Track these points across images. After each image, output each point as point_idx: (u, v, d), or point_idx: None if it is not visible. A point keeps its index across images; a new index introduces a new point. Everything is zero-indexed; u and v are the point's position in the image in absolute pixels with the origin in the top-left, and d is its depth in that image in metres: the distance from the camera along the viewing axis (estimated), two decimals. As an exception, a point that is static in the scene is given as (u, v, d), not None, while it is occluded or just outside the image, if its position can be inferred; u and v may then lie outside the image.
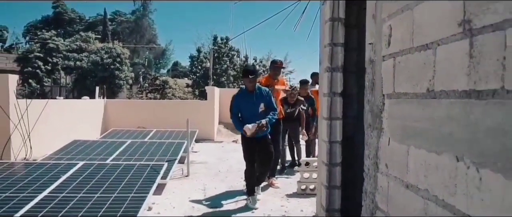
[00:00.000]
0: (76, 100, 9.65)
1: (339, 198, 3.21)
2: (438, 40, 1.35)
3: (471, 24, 1.16)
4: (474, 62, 1.14)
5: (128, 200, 3.27)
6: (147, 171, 4.06)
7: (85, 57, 19.91)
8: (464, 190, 1.19)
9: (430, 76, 1.40)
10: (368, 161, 2.10)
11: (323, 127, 3.22)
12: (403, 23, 1.66)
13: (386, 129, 1.82)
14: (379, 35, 1.94)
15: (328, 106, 3.11)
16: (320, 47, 3.39)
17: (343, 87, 3.12)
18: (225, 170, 5.81)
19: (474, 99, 1.14)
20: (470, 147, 1.15)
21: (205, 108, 9.58)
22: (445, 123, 1.29)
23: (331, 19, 3.05)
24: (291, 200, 4.22)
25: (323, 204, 3.24)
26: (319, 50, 3.44)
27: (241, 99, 4.03)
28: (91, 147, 5.83)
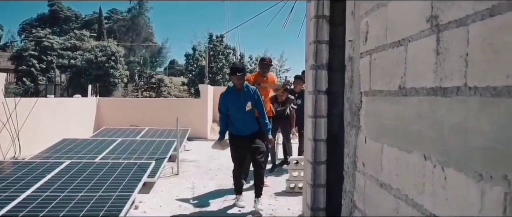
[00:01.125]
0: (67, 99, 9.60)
1: (324, 197, 3.19)
2: (409, 37, 1.33)
3: (438, 19, 1.14)
4: (440, 58, 1.12)
5: (113, 198, 3.24)
6: (133, 169, 4.03)
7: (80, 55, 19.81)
8: (430, 189, 1.17)
9: (402, 73, 1.38)
10: (347, 160, 2.09)
11: (308, 125, 3.20)
12: (378, 20, 1.63)
13: (363, 127, 1.80)
14: (357, 32, 1.91)
15: (313, 104, 3.08)
16: (306, 45, 3.37)
17: (328, 85, 3.11)
18: (215, 168, 5.78)
19: (440, 96, 1.11)
20: (436, 146, 1.13)
21: (198, 106, 9.54)
22: (415, 121, 1.27)
23: (315, 16, 3.03)
24: (280, 199, 4.20)
25: (308, 202, 3.22)
26: (305, 48, 3.42)
27: (229, 97, 3.96)
28: (80, 145, 5.79)
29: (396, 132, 1.41)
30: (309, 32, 3.24)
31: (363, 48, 1.81)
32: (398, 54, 1.41)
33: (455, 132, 1.03)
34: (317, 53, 3.04)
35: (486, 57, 0.91)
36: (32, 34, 23.80)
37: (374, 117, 1.66)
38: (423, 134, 1.20)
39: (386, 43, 1.52)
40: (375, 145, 1.63)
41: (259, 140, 3.96)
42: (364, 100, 1.80)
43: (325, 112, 3.13)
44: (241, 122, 3.90)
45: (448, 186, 1.07)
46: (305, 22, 3.63)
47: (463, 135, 0.99)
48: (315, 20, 3.04)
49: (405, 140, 1.34)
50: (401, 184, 1.38)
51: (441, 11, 1.12)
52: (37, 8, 70.19)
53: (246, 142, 3.91)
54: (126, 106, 9.71)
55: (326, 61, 3.05)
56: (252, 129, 3.94)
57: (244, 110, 3.90)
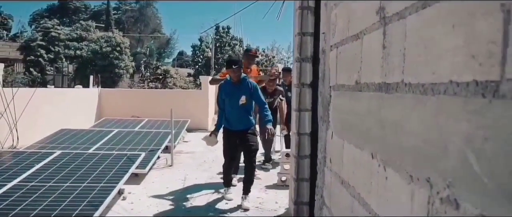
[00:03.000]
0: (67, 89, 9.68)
1: (308, 191, 3.16)
2: (364, 29, 1.28)
3: (385, 11, 1.08)
4: (386, 53, 1.07)
5: (97, 190, 3.25)
6: (122, 161, 4.03)
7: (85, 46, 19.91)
8: (376, 189, 1.13)
9: (358, 68, 1.33)
10: (320, 155, 2.05)
11: (293, 119, 3.16)
12: (343, 12, 1.58)
13: (331, 122, 1.75)
14: (328, 24, 1.86)
15: (297, 97, 3.04)
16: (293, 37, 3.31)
17: (313, 77, 3.05)
18: (210, 160, 5.77)
19: (384, 92, 1.07)
20: (380, 144, 1.08)
21: (200, 98, 9.54)
22: (366, 118, 1.22)
23: (300, 8, 2.97)
24: (269, 192, 4.18)
25: (292, 197, 3.19)
26: (292, 40, 3.36)
27: (225, 89, 3.88)
28: (76, 136, 5.83)
29: (353, 129, 1.37)
30: (295, 23, 3.18)
31: (332, 41, 1.76)
32: (356, 47, 1.36)
33: (394, 130, 0.99)
34: (302, 45, 2.98)
35: (418, 52, 0.86)
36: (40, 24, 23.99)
37: (338, 113, 1.62)
38: (372, 132, 1.16)
39: (348, 36, 1.47)
40: (338, 141, 1.59)
41: (252, 137, 3.84)
42: (333, 95, 1.75)
43: (309, 106, 3.08)
44: (234, 116, 3.80)
45: (388, 186, 1.03)
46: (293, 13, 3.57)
47: (400, 134, 0.95)
48: (299, 11, 2.98)
49: (359, 137, 1.30)
50: (356, 183, 1.34)
51: (387, 3, 1.07)
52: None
53: (238, 137, 3.81)
54: (128, 97, 9.74)
55: (310, 53, 3.00)
56: (245, 125, 3.83)
57: (237, 103, 3.79)
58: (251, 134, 3.85)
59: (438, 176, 0.75)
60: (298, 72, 2.98)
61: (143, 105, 9.35)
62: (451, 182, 0.70)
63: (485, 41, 0.61)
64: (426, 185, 0.80)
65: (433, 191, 0.77)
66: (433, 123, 0.77)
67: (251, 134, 3.86)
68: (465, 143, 0.66)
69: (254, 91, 3.84)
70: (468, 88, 0.65)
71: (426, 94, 0.81)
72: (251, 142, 3.82)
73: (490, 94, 0.60)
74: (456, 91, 0.69)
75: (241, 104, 3.80)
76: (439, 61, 0.76)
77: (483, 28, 0.62)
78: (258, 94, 3.87)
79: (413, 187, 0.87)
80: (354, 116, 1.37)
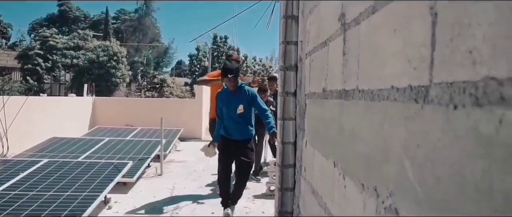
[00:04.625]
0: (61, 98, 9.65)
1: (292, 201, 3.12)
2: (330, 37, 1.27)
3: (345, 18, 1.07)
4: (345, 59, 1.06)
5: (80, 198, 3.21)
6: (109, 169, 3.99)
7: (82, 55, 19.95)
8: (337, 198, 1.10)
9: (325, 75, 1.32)
10: (297, 164, 2.02)
11: (278, 128, 3.12)
12: (315, 19, 1.57)
13: (306, 130, 1.74)
14: (304, 32, 1.85)
15: (281, 106, 3.01)
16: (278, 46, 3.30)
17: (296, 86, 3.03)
18: (201, 169, 5.74)
19: (344, 99, 1.05)
20: (340, 152, 1.07)
21: (193, 107, 9.52)
22: (330, 126, 1.20)
23: (284, 17, 2.96)
24: (257, 201, 4.15)
25: (277, 207, 3.15)
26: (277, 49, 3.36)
27: (222, 97, 3.78)
28: (67, 144, 5.79)
29: (321, 137, 1.35)
30: (280, 32, 3.17)
31: (307, 49, 1.75)
32: (324, 55, 1.35)
33: (351, 138, 0.97)
34: (286, 54, 2.97)
35: (369, 57, 0.84)
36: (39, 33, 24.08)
37: (311, 121, 1.60)
38: (334, 140, 1.14)
39: (318, 44, 1.46)
40: (310, 150, 1.57)
41: (249, 153, 3.72)
42: (307, 103, 1.74)
43: (294, 114, 3.06)
44: (231, 125, 3.72)
45: (346, 195, 1.01)
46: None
47: (355, 142, 0.93)
48: (284, 20, 2.98)
49: (325, 146, 1.28)
50: (323, 192, 1.31)
51: (346, 9, 1.06)
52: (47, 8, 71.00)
53: (235, 147, 3.70)
54: (122, 106, 9.72)
55: (294, 62, 2.98)
56: (244, 135, 3.73)
57: (235, 112, 3.70)
58: (249, 150, 3.72)
59: (382, 185, 0.73)
60: (283, 81, 2.96)
61: (137, 114, 9.32)
62: (392, 191, 0.68)
63: (418, 44, 0.60)
64: (374, 194, 0.78)
65: (379, 200, 0.75)
66: (379, 130, 0.76)
67: (249, 150, 3.73)
68: (403, 150, 0.64)
69: (252, 99, 3.72)
70: (405, 94, 0.64)
71: (374, 100, 0.79)
72: (248, 159, 3.69)
73: (421, 99, 0.58)
74: (396, 96, 0.67)
75: (239, 113, 3.69)
76: (383, 67, 0.74)
77: (417, 32, 0.61)
78: (257, 101, 3.75)
79: (364, 196, 0.85)
80: (322, 124, 1.35)
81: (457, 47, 0.49)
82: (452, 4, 0.51)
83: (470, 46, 0.45)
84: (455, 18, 0.49)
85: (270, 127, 3.74)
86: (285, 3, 3.00)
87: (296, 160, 2.07)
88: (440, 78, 0.53)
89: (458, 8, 0.49)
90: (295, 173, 2.08)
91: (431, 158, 0.55)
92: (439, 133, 0.53)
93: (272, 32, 29.16)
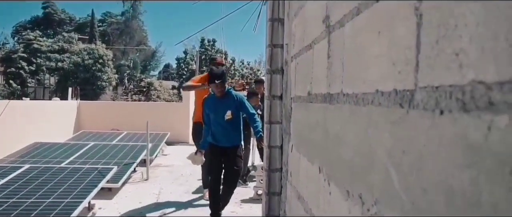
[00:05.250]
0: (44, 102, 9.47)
1: (279, 205, 3.09)
2: (314, 39, 1.24)
3: (329, 20, 1.05)
4: (330, 62, 1.03)
5: (63, 205, 3.13)
6: (93, 175, 3.91)
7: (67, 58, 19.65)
8: (322, 204, 1.08)
9: (310, 78, 1.29)
10: (284, 168, 2.00)
11: (264, 132, 3.10)
12: (300, 22, 1.55)
13: (291, 134, 1.71)
14: (289, 35, 1.84)
15: (268, 110, 2.99)
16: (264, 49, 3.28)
17: (284, 90, 3.01)
18: (188, 174, 5.67)
19: (328, 103, 1.03)
20: (325, 157, 1.04)
21: (181, 110, 9.43)
22: (315, 130, 1.18)
23: (271, 20, 2.95)
24: (244, 206, 4.11)
25: (263, 211, 3.11)
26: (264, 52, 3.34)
27: (208, 103, 3.66)
28: (50, 149, 5.67)
29: (306, 142, 1.32)
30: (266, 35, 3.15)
31: (293, 52, 1.73)
32: (309, 58, 1.33)
33: (336, 143, 0.94)
34: (272, 57, 2.95)
35: (353, 60, 0.82)
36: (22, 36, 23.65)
37: (296, 125, 1.58)
38: (319, 145, 1.12)
39: (303, 46, 1.44)
40: (296, 154, 1.55)
41: (238, 160, 3.65)
42: (293, 107, 1.72)
43: (280, 118, 3.04)
44: (219, 132, 3.61)
45: (331, 201, 0.98)
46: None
47: (340, 147, 0.90)
48: (270, 23, 2.96)
49: (310, 150, 1.25)
50: (308, 197, 1.29)
51: (331, 11, 1.04)
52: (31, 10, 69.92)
53: (224, 155, 3.61)
54: (108, 110, 9.58)
55: (281, 65, 2.96)
56: (232, 142, 3.64)
57: (223, 118, 3.59)
58: (238, 157, 3.65)
59: (367, 192, 0.71)
60: (269, 84, 2.93)
61: (123, 118, 9.19)
62: (377, 199, 0.66)
63: (403, 47, 0.58)
64: (359, 201, 0.75)
65: (364, 208, 0.72)
66: (364, 135, 0.73)
67: (238, 157, 3.66)
68: (388, 157, 0.62)
69: (240, 103, 3.63)
70: (390, 98, 0.61)
71: (359, 104, 0.77)
72: (236, 167, 3.61)
73: (407, 104, 0.56)
74: (381, 101, 0.65)
75: (227, 119, 3.60)
76: (368, 70, 0.72)
77: (401, 34, 0.59)
78: (245, 105, 3.67)
79: (349, 203, 0.82)
80: (307, 128, 1.33)
81: (442, 49, 0.46)
82: (437, 4, 0.48)
83: (457, 48, 0.43)
84: (440, 19, 0.47)
85: (257, 131, 3.68)
86: (271, 5, 2.97)
87: (282, 164, 2.05)
88: (426, 82, 0.51)
89: (444, 8, 0.47)
90: (282, 178, 2.05)
91: (417, 166, 0.52)
92: (424, 140, 0.51)
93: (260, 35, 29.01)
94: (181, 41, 22.18)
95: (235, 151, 3.63)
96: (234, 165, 3.60)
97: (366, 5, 0.76)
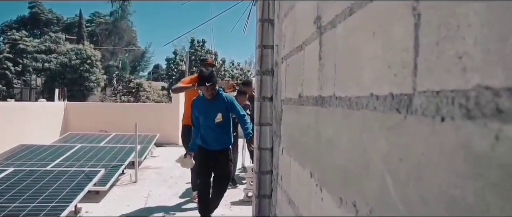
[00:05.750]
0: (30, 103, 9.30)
1: (270, 208, 3.06)
2: (305, 40, 1.22)
3: (321, 21, 1.02)
4: (322, 64, 1.00)
5: (48, 209, 3.05)
6: (79, 178, 3.83)
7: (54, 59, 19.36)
8: (314, 210, 1.05)
9: (301, 80, 1.27)
10: (274, 171, 1.97)
11: (255, 133, 3.06)
12: (291, 22, 1.52)
13: (282, 137, 1.68)
14: (280, 36, 1.81)
15: (258, 111, 2.96)
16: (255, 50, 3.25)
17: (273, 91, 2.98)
18: (177, 176, 5.61)
19: (320, 106, 1.00)
20: (317, 162, 1.01)
21: (170, 111, 9.35)
22: (306, 134, 1.15)
23: (261, 20, 2.92)
24: (234, 208, 4.07)
25: (254, 214, 3.07)
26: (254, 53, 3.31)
27: (198, 105, 3.56)
28: (36, 152, 5.55)
29: (297, 145, 1.30)
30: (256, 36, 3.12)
31: (283, 53, 1.70)
32: (300, 59, 1.30)
33: (328, 148, 0.91)
34: (262, 58, 2.92)
35: (346, 62, 0.79)
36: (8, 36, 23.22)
37: (287, 128, 1.55)
38: (310, 149, 1.09)
39: (294, 48, 1.41)
40: (287, 158, 1.52)
41: (229, 165, 3.59)
42: (283, 109, 1.69)
43: (270, 120, 3.01)
44: (209, 135, 3.53)
45: (324, 208, 0.95)
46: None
47: (332, 152, 0.87)
48: (260, 23, 2.93)
49: (302, 154, 1.22)
50: (300, 202, 1.26)
51: (322, 11, 1.01)
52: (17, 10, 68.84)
53: (214, 159, 3.54)
54: (96, 111, 9.45)
55: (271, 66, 2.93)
56: (223, 145, 3.57)
57: (213, 121, 3.51)
58: (229, 161, 3.59)
59: (362, 200, 0.68)
60: (259, 86, 2.90)
61: (112, 119, 9.08)
62: (372, 208, 0.63)
63: (400, 49, 0.55)
64: (352, 209, 0.72)
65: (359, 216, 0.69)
66: (358, 141, 0.70)
67: (229, 161, 3.59)
68: (383, 164, 0.59)
69: (230, 105, 3.56)
70: (386, 102, 0.59)
71: (352, 108, 0.74)
72: (226, 171, 3.56)
73: (404, 109, 0.53)
74: (376, 105, 0.62)
75: (218, 122, 3.52)
76: (362, 72, 0.69)
77: (398, 35, 0.56)
78: (235, 106, 3.60)
79: (342, 211, 0.79)
80: (298, 131, 1.30)
81: (443, 51, 0.43)
82: (437, 4, 0.46)
83: (460, 50, 0.40)
84: (441, 19, 0.44)
85: (248, 133, 3.63)
86: (261, 6, 2.94)
87: (273, 167, 2.02)
88: (425, 86, 0.48)
89: (444, 8, 0.44)
90: (272, 181, 2.03)
91: (415, 174, 0.50)
92: (424, 148, 0.48)
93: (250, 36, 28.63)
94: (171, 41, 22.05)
95: (226, 155, 3.58)
96: (225, 169, 3.55)
97: (360, 5, 0.73)
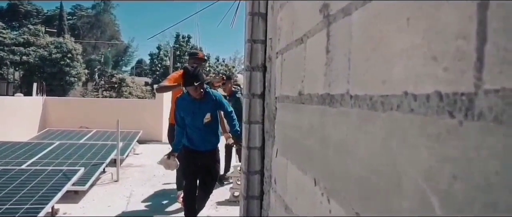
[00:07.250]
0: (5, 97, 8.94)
1: (259, 210, 2.95)
2: (307, 32, 1.10)
3: (329, 9, 0.90)
4: (330, 58, 0.89)
5: (22, 211, 2.87)
6: (57, 177, 3.64)
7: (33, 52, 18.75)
8: (319, 222, 0.94)
9: (302, 76, 1.15)
10: (266, 173, 1.86)
11: (243, 132, 2.94)
12: (287, 14, 1.41)
13: (276, 137, 1.57)
14: (274, 29, 1.69)
15: (247, 109, 2.84)
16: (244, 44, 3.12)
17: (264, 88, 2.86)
18: (160, 174, 5.44)
19: (328, 106, 0.88)
20: (324, 169, 0.90)
21: (153, 108, 9.14)
22: (309, 135, 1.03)
23: (251, 14, 2.79)
24: (220, 209, 3.94)
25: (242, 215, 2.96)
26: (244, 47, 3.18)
27: (183, 105, 3.36)
28: (11, 149, 5.29)
29: (296, 147, 1.18)
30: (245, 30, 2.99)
31: (278, 47, 1.58)
32: (300, 53, 1.18)
33: (339, 154, 0.80)
34: (252, 53, 2.80)
35: (366, 55, 0.68)
36: (-16, 28, 22.43)
37: (282, 127, 1.43)
38: (314, 153, 0.97)
39: (292, 41, 1.29)
40: (282, 160, 1.40)
41: (216, 166, 3.47)
42: (278, 107, 1.57)
43: (260, 118, 2.88)
44: (197, 136, 3.36)
45: (332, 222, 0.84)
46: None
47: (345, 159, 0.76)
48: (250, 17, 2.80)
49: (302, 158, 1.11)
50: (299, 211, 1.14)
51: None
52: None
53: (201, 160, 3.39)
54: (76, 107, 9.16)
55: (261, 62, 2.81)
56: (211, 146, 3.43)
57: (201, 122, 3.34)
58: (217, 162, 3.47)
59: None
60: (248, 82, 2.78)
61: (93, 115, 8.81)
62: (406, 231, 0.52)
63: (453, 36, 0.43)
64: (373, 229, 0.61)
65: (384, 239, 0.58)
66: (383, 149, 0.59)
67: (217, 162, 3.48)
68: (425, 180, 0.47)
69: (219, 103, 3.40)
70: (429, 103, 0.47)
71: (375, 109, 0.62)
72: (213, 172, 3.43)
73: (461, 113, 0.41)
74: (413, 106, 0.51)
75: (206, 122, 3.34)
76: (390, 66, 0.58)
77: (449, 18, 0.44)
78: (223, 103, 3.46)
79: (359, 229, 0.68)
80: (297, 132, 1.18)
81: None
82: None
83: None
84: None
85: (235, 131, 3.50)
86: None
87: (263, 167, 1.91)
88: (497, 84, 0.37)
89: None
90: (263, 182, 1.91)
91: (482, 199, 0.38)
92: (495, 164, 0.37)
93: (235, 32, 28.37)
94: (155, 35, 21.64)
95: (213, 155, 3.45)
96: (212, 170, 3.42)
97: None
